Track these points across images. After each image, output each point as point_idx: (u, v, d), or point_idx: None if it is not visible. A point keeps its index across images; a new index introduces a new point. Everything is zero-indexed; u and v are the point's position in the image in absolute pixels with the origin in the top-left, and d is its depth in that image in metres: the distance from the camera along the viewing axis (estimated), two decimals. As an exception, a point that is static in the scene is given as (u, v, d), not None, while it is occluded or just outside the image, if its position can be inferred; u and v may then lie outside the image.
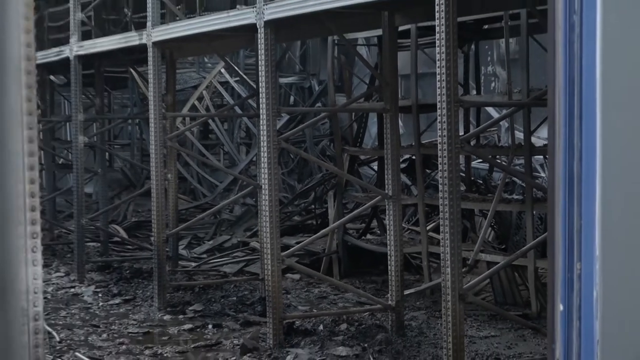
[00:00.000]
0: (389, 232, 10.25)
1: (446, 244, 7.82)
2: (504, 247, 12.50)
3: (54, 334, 10.57)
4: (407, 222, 14.39)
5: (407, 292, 10.92)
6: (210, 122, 21.94)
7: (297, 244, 12.45)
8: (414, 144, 12.78)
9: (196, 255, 15.96)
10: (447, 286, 7.84)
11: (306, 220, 17.00)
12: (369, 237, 14.83)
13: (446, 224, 7.81)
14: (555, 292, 3.16)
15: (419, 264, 12.95)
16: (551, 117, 3.18)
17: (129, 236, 17.06)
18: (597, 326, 3.05)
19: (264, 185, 9.91)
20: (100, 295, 13.13)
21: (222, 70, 20.17)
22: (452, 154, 7.75)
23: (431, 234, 12.48)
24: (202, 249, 16.41)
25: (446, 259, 7.84)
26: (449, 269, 7.82)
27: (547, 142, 3.44)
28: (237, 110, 19.74)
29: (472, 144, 12.84)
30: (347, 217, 12.45)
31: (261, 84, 9.85)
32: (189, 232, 17.06)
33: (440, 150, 7.82)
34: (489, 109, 17.36)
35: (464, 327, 8.33)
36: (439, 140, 7.85)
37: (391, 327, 10.33)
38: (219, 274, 14.37)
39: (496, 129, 17.45)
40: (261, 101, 9.87)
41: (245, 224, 17.36)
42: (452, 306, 7.81)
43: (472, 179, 14.01)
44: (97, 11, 15.85)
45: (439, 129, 7.83)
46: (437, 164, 8.00)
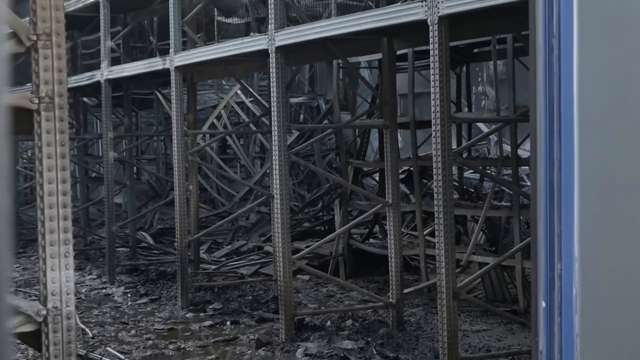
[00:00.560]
0: (389, 236, 10.25)
1: (441, 247, 7.82)
2: (493, 249, 12.47)
3: (87, 330, 10.58)
4: (406, 228, 14.36)
5: (406, 290, 10.90)
6: (227, 138, 21.96)
7: (307, 247, 12.43)
8: (411, 157, 12.76)
9: (215, 258, 15.96)
10: (442, 285, 7.83)
11: (315, 226, 16.97)
12: (371, 241, 14.80)
13: (441, 228, 7.80)
14: (538, 290, 3.15)
15: (417, 265, 12.94)
16: (533, 132, 3.17)
17: (154, 242, 17.09)
18: (577, 321, 3.04)
19: (277, 194, 9.91)
20: (129, 295, 13.15)
21: (238, 91, 20.18)
22: (445, 165, 7.75)
23: (428, 238, 12.47)
24: (221, 252, 16.41)
25: (441, 260, 7.83)
26: (443, 270, 7.81)
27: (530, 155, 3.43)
28: (252, 127, 19.74)
29: (464, 156, 12.81)
30: (351, 223, 12.44)
31: (273, 103, 9.86)
32: (209, 237, 17.06)
33: (435, 162, 7.82)
34: (480, 125, 17.31)
35: (458, 322, 8.32)
36: (434, 153, 7.85)
37: (392, 323, 10.31)
38: (236, 275, 14.36)
39: (486, 142, 17.41)
40: (273, 119, 9.88)
41: (259, 230, 17.36)
42: (447, 303, 7.80)
43: (465, 188, 13.98)
44: (125, 39, 15.92)
45: (434, 143, 7.83)
46: (433, 174, 8.00)
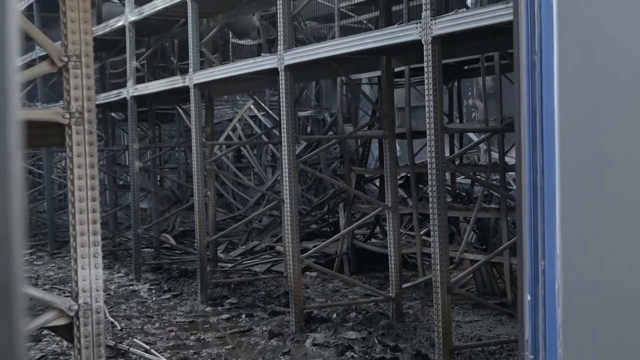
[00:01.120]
0: (389, 236, 10.23)
1: (436, 246, 7.80)
2: (484, 247, 12.44)
3: (116, 323, 10.58)
4: (404, 228, 14.35)
5: (405, 285, 10.88)
6: (242, 148, 21.97)
7: (314, 247, 12.42)
8: (408, 164, 12.76)
9: (232, 257, 15.95)
10: (437, 280, 7.81)
11: (321, 227, 16.97)
12: (373, 240, 14.79)
13: (436, 229, 7.78)
14: (523, 285, 3.14)
15: (415, 262, 12.91)
16: (518, 141, 3.16)
17: (176, 243, 17.09)
18: (559, 313, 3.03)
19: (286, 199, 9.91)
20: (153, 291, 13.14)
21: (251, 106, 20.20)
22: (439, 171, 7.73)
23: (424, 237, 12.44)
24: (236, 252, 16.40)
25: (436, 258, 7.81)
26: (438, 266, 7.79)
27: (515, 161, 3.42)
28: (264, 138, 19.76)
29: (457, 163, 12.80)
30: (354, 225, 12.43)
31: (283, 116, 9.86)
32: (226, 238, 17.06)
33: (430, 168, 7.81)
34: (470, 134, 17.30)
35: (451, 314, 8.29)
36: (429, 160, 7.84)
37: (392, 315, 10.29)
38: (251, 272, 14.35)
39: (476, 150, 17.39)
40: (283, 131, 9.88)
41: (271, 231, 17.35)
42: (441, 297, 7.78)
43: (457, 192, 13.96)
44: (149, 60, 15.96)
45: (429, 152, 7.82)
46: (428, 180, 7.99)
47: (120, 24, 13.74)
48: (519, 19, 3.12)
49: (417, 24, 7.73)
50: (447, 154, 9.70)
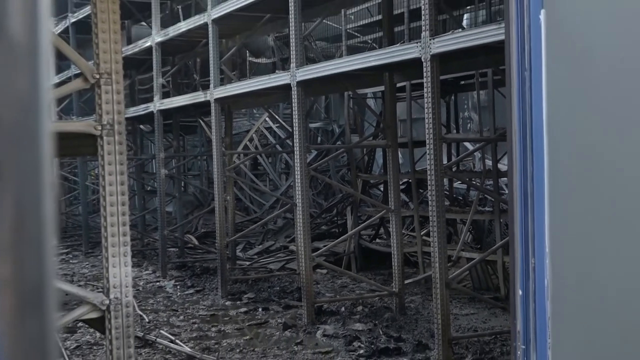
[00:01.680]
0: (392, 236, 10.21)
1: (435, 245, 7.78)
2: (479, 246, 12.40)
3: (144, 316, 10.59)
4: (406, 229, 14.31)
5: (407, 281, 10.86)
6: (258, 157, 21.99)
7: (324, 246, 12.39)
8: (410, 171, 12.74)
9: (249, 256, 15.95)
10: (436, 277, 7.78)
11: (331, 229, 16.94)
12: (378, 240, 14.77)
13: (435, 230, 7.76)
14: (515, 281, 3.12)
15: (416, 260, 12.88)
16: (509, 149, 3.15)
17: (199, 243, 17.09)
18: (548, 306, 3.01)
19: (299, 203, 9.90)
20: (178, 287, 13.15)
21: (267, 118, 20.21)
22: (438, 177, 7.72)
23: (424, 237, 12.41)
24: (253, 251, 16.40)
25: (435, 256, 7.78)
26: (437, 264, 7.76)
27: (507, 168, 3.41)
28: (278, 147, 19.76)
29: (454, 170, 12.77)
30: (361, 226, 12.41)
31: (295, 128, 9.86)
32: (244, 239, 17.06)
33: (429, 175, 7.79)
34: (466, 144, 17.26)
35: (449, 307, 8.27)
36: (428, 167, 7.82)
37: (395, 308, 10.26)
38: (266, 270, 14.34)
39: (471, 158, 17.34)
40: (295, 141, 9.88)
41: (285, 232, 17.34)
42: (440, 292, 7.75)
43: (454, 196, 13.92)
44: (174, 77, 16.00)
45: (428, 159, 7.80)
46: (428, 185, 7.97)
47: (147, 44, 13.78)
48: (510, 39, 3.11)
49: (417, 43, 7.72)
50: (445, 161, 9.68)
